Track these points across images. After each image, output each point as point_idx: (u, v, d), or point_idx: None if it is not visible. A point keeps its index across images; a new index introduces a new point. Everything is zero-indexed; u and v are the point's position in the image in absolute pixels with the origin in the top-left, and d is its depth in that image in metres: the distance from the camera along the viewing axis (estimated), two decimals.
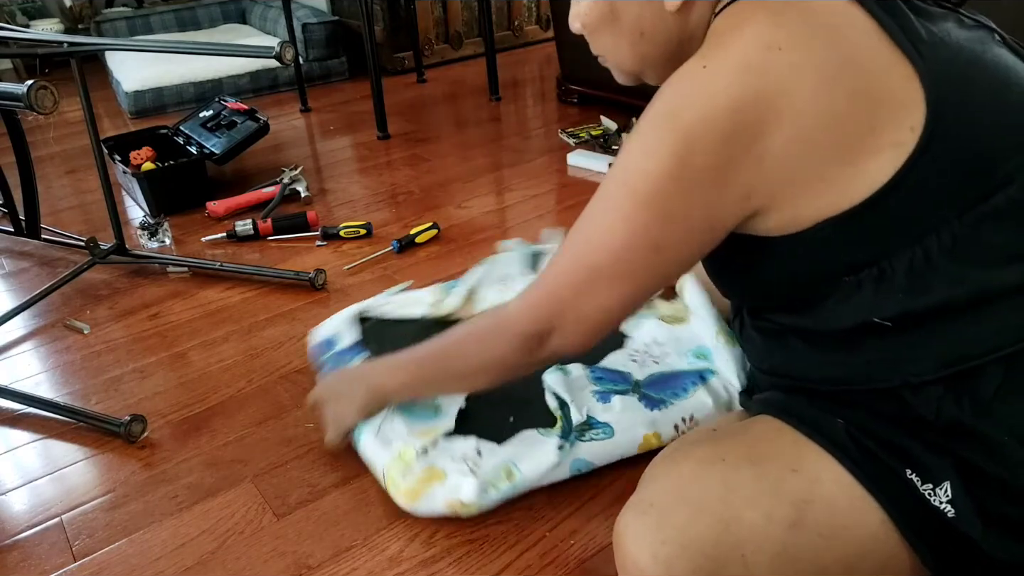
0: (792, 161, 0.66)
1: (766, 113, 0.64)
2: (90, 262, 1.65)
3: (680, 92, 0.68)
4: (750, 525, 0.68)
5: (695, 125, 0.66)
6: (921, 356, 0.69)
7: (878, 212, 0.65)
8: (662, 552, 0.68)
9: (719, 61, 0.67)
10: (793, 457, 0.72)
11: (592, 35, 0.79)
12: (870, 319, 0.69)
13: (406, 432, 1.02)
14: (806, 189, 0.67)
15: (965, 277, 0.66)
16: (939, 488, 0.67)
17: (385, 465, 1.00)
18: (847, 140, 0.65)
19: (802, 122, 0.64)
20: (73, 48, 1.42)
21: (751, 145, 0.65)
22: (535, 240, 1.63)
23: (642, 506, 0.72)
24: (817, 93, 0.64)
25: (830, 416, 0.74)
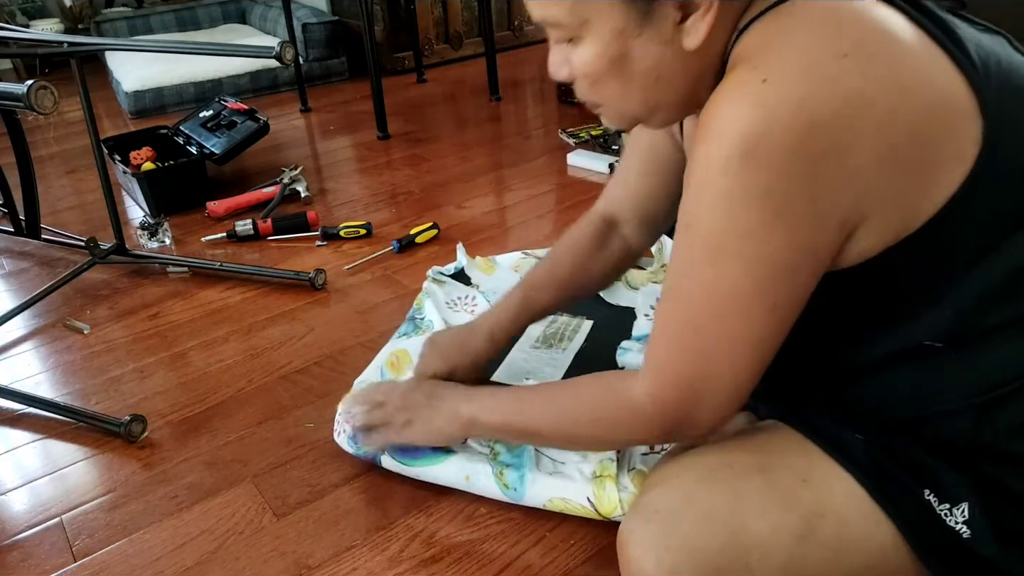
0: (880, 178, 0.60)
1: (848, 125, 0.58)
2: (90, 262, 1.65)
3: (749, 118, 0.58)
4: (757, 535, 0.68)
5: (778, 155, 0.58)
6: (964, 382, 0.67)
7: (944, 231, 0.62)
8: (667, 559, 0.67)
9: (781, 71, 0.58)
10: (804, 468, 0.71)
11: (593, 85, 0.70)
12: (921, 342, 0.67)
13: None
14: (889, 208, 0.61)
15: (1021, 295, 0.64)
16: (956, 508, 0.66)
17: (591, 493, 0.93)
18: (922, 153, 0.60)
19: (882, 135, 0.59)
20: (73, 48, 1.42)
21: (837, 163, 0.59)
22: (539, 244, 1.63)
23: (647, 511, 0.72)
24: (895, 104, 0.59)
25: (847, 430, 0.72)
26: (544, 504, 0.96)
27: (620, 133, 2.23)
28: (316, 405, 1.22)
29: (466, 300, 1.40)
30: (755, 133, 0.58)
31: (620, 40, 0.65)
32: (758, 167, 0.59)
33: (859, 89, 0.58)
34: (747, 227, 0.61)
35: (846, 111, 0.57)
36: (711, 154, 0.61)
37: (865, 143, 0.58)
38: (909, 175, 0.60)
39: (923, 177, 0.61)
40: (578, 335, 1.29)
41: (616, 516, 0.91)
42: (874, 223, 0.62)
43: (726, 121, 0.59)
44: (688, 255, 0.66)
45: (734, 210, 0.61)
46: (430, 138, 2.49)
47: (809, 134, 0.57)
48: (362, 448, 1.05)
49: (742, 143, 0.58)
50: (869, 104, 0.58)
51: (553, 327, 1.31)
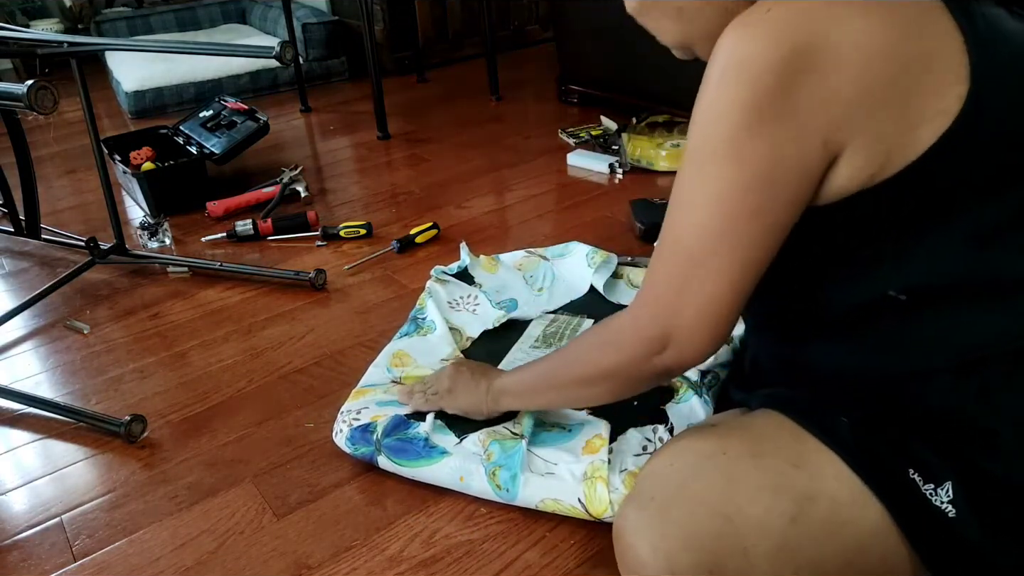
0: (855, 109, 0.64)
1: (832, 54, 0.62)
2: (90, 262, 1.65)
3: (744, 39, 0.64)
4: (752, 519, 0.69)
5: (765, 74, 0.63)
6: (933, 343, 0.69)
7: (918, 181, 0.65)
8: (663, 546, 0.68)
9: (783, 7, 0.64)
10: (795, 452, 0.72)
11: (639, 16, 0.78)
12: (885, 292, 0.69)
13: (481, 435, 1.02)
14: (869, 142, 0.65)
15: (988, 261, 0.66)
16: (940, 488, 0.67)
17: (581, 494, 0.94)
18: (904, 98, 0.64)
19: (866, 70, 0.63)
20: (73, 48, 1.42)
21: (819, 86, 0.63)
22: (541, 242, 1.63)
23: (642, 500, 0.72)
24: (883, 43, 0.63)
25: (834, 413, 0.74)
26: (536, 505, 0.96)
27: (620, 133, 2.23)
28: (316, 405, 1.22)
29: (468, 299, 1.40)
30: (746, 51, 0.64)
31: None
32: (742, 79, 0.64)
33: (851, 26, 0.62)
34: (731, 133, 0.65)
35: (832, 44, 0.62)
36: (709, 73, 0.67)
37: (847, 71, 0.62)
38: (888, 112, 0.63)
39: (903, 120, 0.64)
40: (578, 334, 1.29)
41: (607, 517, 0.91)
42: (853, 155, 0.65)
43: (725, 42, 0.66)
44: (681, 174, 0.71)
45: (720, 117, 0.66)
46: (430, 138, 2.49)
47: (794, 56, 0.62)
48: (359, 449, 1.05)
49: (733, 59, 0.65)
50: (857, 39, 0.62)
51: (553, 326, 1.31)
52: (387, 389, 1.17)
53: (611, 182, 2.03)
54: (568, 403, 1.00)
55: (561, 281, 1.44)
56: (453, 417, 1.07)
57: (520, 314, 1.36)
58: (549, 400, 0.99)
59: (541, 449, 0.99)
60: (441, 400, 1.07)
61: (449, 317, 1.34)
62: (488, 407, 1.03)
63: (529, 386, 0.99)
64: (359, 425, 1.07)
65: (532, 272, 1.47)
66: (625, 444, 0.99)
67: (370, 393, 1.16)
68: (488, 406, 1.03)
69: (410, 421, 1.07)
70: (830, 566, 0.69)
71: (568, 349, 0.94)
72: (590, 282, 1.41)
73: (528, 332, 1.31)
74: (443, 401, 1.07)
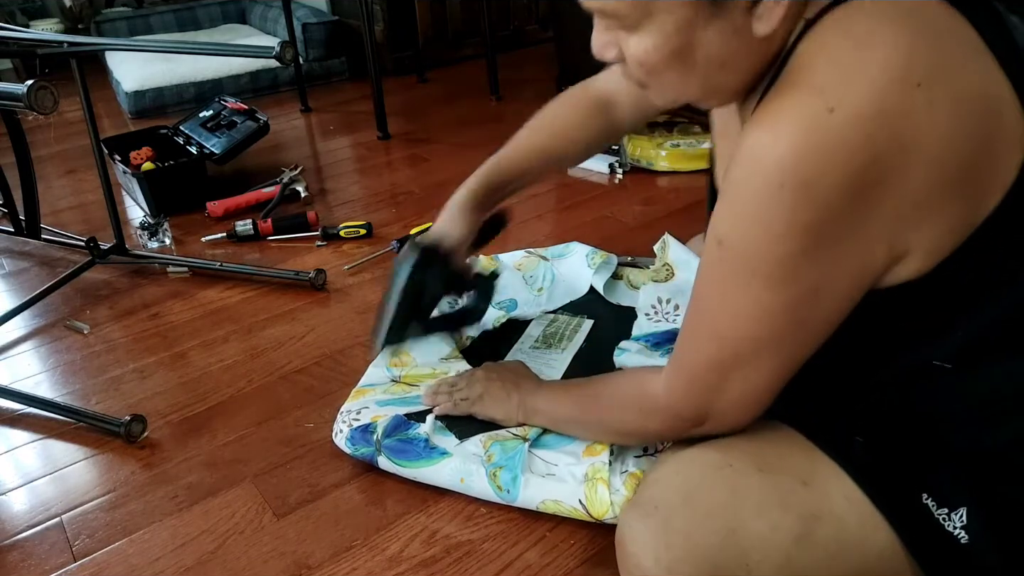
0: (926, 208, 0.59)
1: (905, 158, 0.56)
2: (90, 262, 1.65)
3: (809, 152, 0.56)
4: (756, 535, 0.68)
5: (833, 195, 0.56)
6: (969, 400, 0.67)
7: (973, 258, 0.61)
8: (665, 556, 0.68)
9: (851, 103, 0.55)
10: (805, 469, 0.71)
11: (649, 73, 0.66)
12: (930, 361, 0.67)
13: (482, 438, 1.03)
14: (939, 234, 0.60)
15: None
16: (954, 513, 0.66)
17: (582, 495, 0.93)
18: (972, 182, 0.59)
19: (940, 165, 0.57)
20: (73, 48, 1.42)
21: (891, 195, 0.57)
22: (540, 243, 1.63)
23: (647, 507, 0.72)
24: (956, 130, 0.57)
25: (848, 432, 0.72)
26: (537, 506, 0.96)
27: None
28: (316, 405, 1.22)
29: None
30: (814, 169, 0.56)
31: (686, 32, 0.62)
32: (809, 201, 0.57)
33: (924, 124, 0.56)
34: (785, 254, 0.60)
35: (908, 146, 0.56)
36: (761, 175, 0.58)
37: (920, 172, 0.57)
38: (961, 199, 0.59)
39: (970, 204, 0.59)
40: (578, 335, 1.29)
41: (608, 519, 0.91)
42: (920, 250, 0.61)
43: (785, 146, 0.57)
44: (719, 270, 0.66)
45: (774, 238, 0.59)
46: (430, 138, 2.49)
47: (867, 170, 0.56)
48: (359, 450, 1.05)
49: (797, 175, 0.56)
50: (931, 137, 0.56)
51: (553, 327, 1.31)
52: (387, 389, 1.17)
53: (611, 182, 2.03)
54: (597, 440, 0.98)
55: (561, 281, 1.44)
56: (454, 418, 1.07)
57: (519, 314, 1.35)
58: (579, 434, 0.99)
59: (542, 451, 0.99)
60: (472, 406, 1.06)
61: None
62: (519, 420, 1.03)
63: (562, 418, 0.99)
64: (359, 425, 1.07)
65: (532, 272, 1.47)
66: (627, 447, 0.99)
67: (370, 393, 1.16)
68: (519, 419, 1.03)
69: (411, 422, 1.07)
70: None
71: (604, 395, 0.91)
72: (590, 282, 1.41)
73: (528, 332, 1.30)
74: (474, 407, 1.06)
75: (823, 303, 0.63)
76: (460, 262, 1.04)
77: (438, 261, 1.00)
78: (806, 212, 0.57)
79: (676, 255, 1.36)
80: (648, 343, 1.21)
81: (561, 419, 1.00)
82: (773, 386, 0.70)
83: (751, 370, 0.68)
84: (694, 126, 2.19)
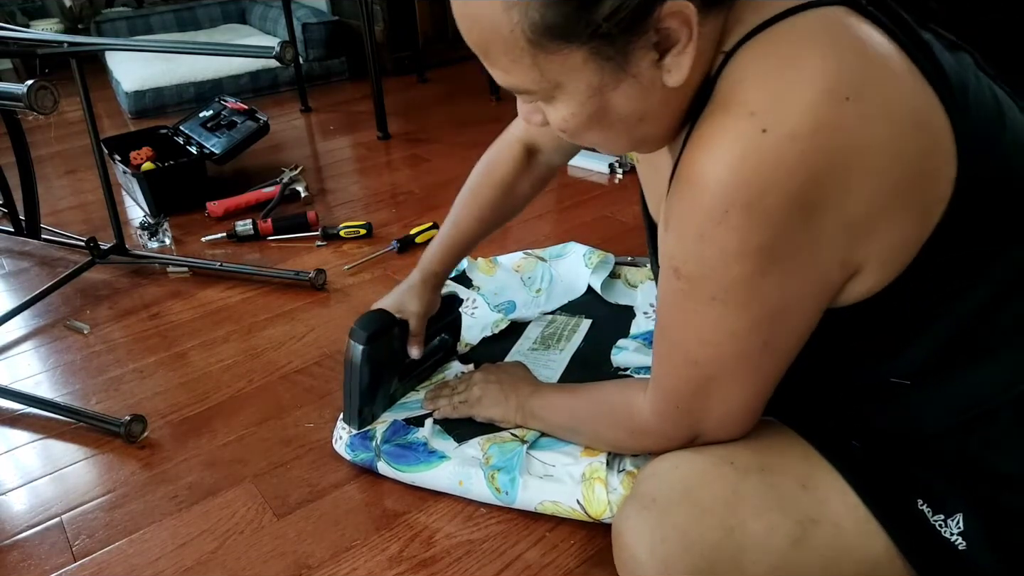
0: (874, 223, 0.59)
1: (844, 175, 0.56)
2: (90, 262, 1.65)
3: (746, 171, 0.56)
4: (753, 535, 0.68)
5: (777, 210, 0.56)
6: (937, 408, 0.67)
7: (920, 275, 0.61)
8: (661, 549, 0.68)
9: (780, 121, 0.55)
10: (803, 473, 0.71)
11: (574, 136, 0.67)
12: (888, 379, 0.67)
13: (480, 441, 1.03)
14: (891, 247, 0.60)
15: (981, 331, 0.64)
16: (951, 520, 0.66)
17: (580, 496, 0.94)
18: (916, 195, 0.59)
19: (880, 181, 0.57)
20: (73, 48, 1.42)
21: (835, 211, 0.57)
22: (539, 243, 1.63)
23: (644, 501, 0.72)
24: (889, 143, 0.57)
25: (845, 437, 0.73)
26: (535, 507, 0.96)
27: None
28: (316, 405, 1.22)
29: (466, 303, 1.39)
30: (755, 191, 0.56)
31: (597, 96, 0.62)
32: (756, 222, 0.57)
33: (859, 137, 0.56)
34: (742, 276, 0.60)
35: (847, 160, 0.56)
36: (705, 203, 0.58)
37: (865, 188, 0.57)
38: (906, 212, 0.59)
39: (917, 216, 0.59)
40: (576, 335, 1.29)
41: (606, 518, 0.91)
42: (876, 264, 0.61)
43: (723, 171, 0.57)
44: (680, 299, 0.66)
45: (729, 261, 0.60)
46: (430, 138, 2.49)
47: (809, 187, 0.56)
48: (359, 456, 1.05)
49: (740, 198, 0.56)
50: (869, 151, 0.56)
51: (551, 327, 1.31)
52: None
53: (611, 182, 2.03)
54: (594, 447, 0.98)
55: (559, 282, 1.44)
56: (453, 421, 1.07)
57: (518, 316, 1.36)
58: (576, 441, 0.99)
59: (540, 452, 0.99)
60: (471, 408, 1.06)
61: None
62: (516, 423, 1.04)
63: (558, 425, 0.99)
64: (359, 432, 1.08)
65: (530, 273, 1.47)
66: None
67: None
68: (516, 422, 1.03)
69: (409, 426, 1.07)
70: None
71: (598, 407, 0.91)
72: (588, 282, 1.41)
73: (526, 334, 1.30)
74: (472, 409, 1.06)
75: (788, 320, 0.64)
76: (417, 334, 1.08)
77: (386, 340, 1.04)
78: (755, 233, 0.58)
79: None
80: (646, 341, 1.21)
81: (557, 426, 1.00)
82: (756, 400, 0.70)
83: (729, 389, 0.69)
84: None
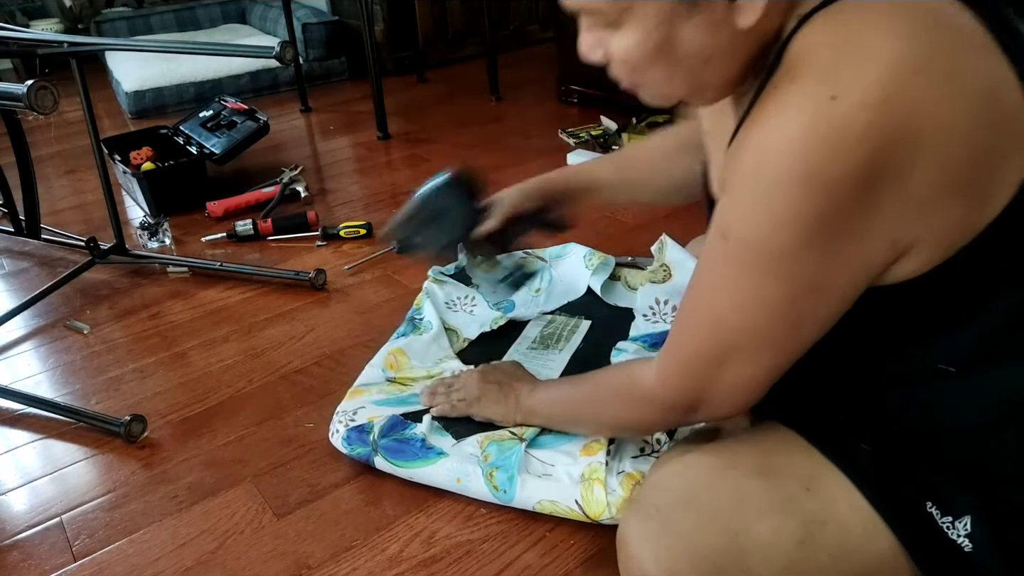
0: (931, 204, 0.58)
1: (911, 150, 0.55)
2: (90, 262, 1.65)
3: (814, 139, 0.55)
4: (758, 538, 0.68)
5: (839, 184, 0.55)
6: (972, 401, 0.66)
7: (978, 259, 0.60)
8: (666, 557, 0.67)
9: (853, 91, 0.54)
10: (808, 475, 0.71)
11: (634, 70, 0.66)
12: (935, 365, 0.66)
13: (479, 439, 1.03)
14: (944, 229, 0.59)
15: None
16: (958, 521, 0.66)
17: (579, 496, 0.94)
18: (979, 178, 0.58)
19: (946, 158, 0.56)
20: (73, 48, 1.42)
21: (896, 187, 0.56)
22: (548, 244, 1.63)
23: (648, 509, 0.72)
24: (963, 122, 0.56)
25: (852, 439, 0.72)
26: (533, 506, 0.96)
27: (620, 133, 2.23)
28: (316, 405, 1.22)
29: (465, 300, 1.40)
30: (819, 157, 0.55)
31: (666, 26, 0.61)
32: (814, 192, 0.56)
33: (929, 111, 0.55)
34: (790, 246, 0.59)
35: (914, 133, 0.55)
36: (766, 166, 0.58)
37: (927, 166, 0.56)
38: (965, 197, 0.58)
39: (978, 199, 0.59)
40: (575, 336, 1.29)
41: (604, 519, 0.91)
42: (926, 245, 0.60)
43: (789, 137, 0.56)
44: (722, 260, 0.65)
45: (780, 228, 0.59)
46: (430, 138, 2.49)
47: (875, 158, 0.55)
48: (356, 450, 1.05)
49: (803, 165, 0.56)
50: (936, 127, 0.55)
51: (551, 328, 1.31)
52: (382, 388, 1.17)
53: None
54: (595, 435, 0.99)
55: (559, 282, 1.44)
56: (451, 419, 1.07)
57: (517, 315, 1.36)
58: (576, 431, 1.00)
59: (539, 451, 0.99)
60: (469, 407, 1.06)
61: (446, 318, 1.34)
62: (516, 421, 1.03)
63: (558, 417, 1.00)
64: (355, 426, 1.07)
65: None
66: (623, 446, 0.99)
67: (366, 393, 1.16)
68: (516, 420, 1.03)
69: (407, 422, 1.07)
70: None
71: (597, 389, 0.91)
72: (587, 283, 1.41)
73: (525, 333, 1.30)
74: (471, 408, 1.06)
75: (823, 299, 0.63)
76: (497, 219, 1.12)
77: (468, 192, 1.13)
78: (813, 202, 0.57)
79: (674, 256, 1.36)
80: (646, 344, 1.21)
81: (557, 418, 1.00)
82: (766, 379, 0.69)
83: (746, 362, 0.68)
84: None
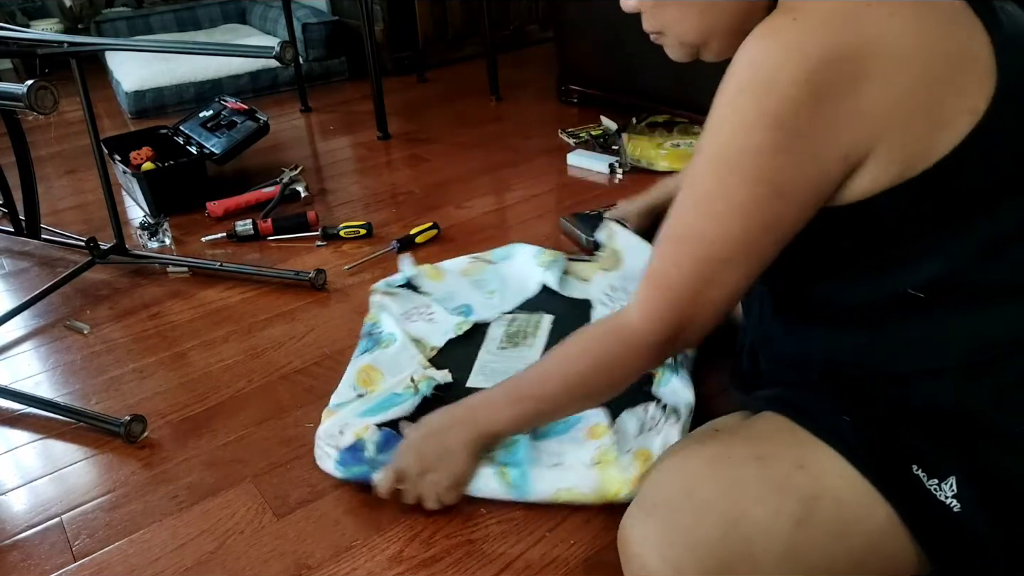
0: (884, 120, 0.63)
1: (861, 65, 0.61)
2: (90, 262, 1.65)
3: (770, 51, 0.63)
4: (757, 523, 0.68)
5: (792, 88, 0.62)
6: (946, 341, 0.69)
7: (941, 182, 0.64)
8: (670, 554, 0.68)
9: (810, 13, 0.62)
10: (798, 454, 0.72)
11: (654, 9, 0.75)
12: (904, 290, 0.69)
13: None
14: (895, 149, 0.64)
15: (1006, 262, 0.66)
16: (944, 483, 0.67)
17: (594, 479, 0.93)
18: (933, 100, 0.62)
19: (898, 77, 0.61)
20: (73, 48, 1.42)
21: (848, 100, 0.62)
22: (541, 239, 1.63)
23: (647, 507, 0.72)
24: (916, 44, 0.61)
25: (835, 413, 0.74)
26: (551, 497, 0.96)
27: (620, 133, 2.23)
28: (316, 405, 1.21)
29: (422, 309, 1.38)
30: (772, 63, 0.63)
31: None
32: (769, 94, 0.63)
33: (881, 33, 0.61)
34: (751, 146, 0.65)
35: (868, 48, 0.61)
36: (730, 81, 0.66)
37: (878, 83, 0.61)
38: (917, 119, 0.63)
39: (931, 123, 0.63)
40: (540, 330, 1.30)
41: (623, 497, 0.92)
42: (878, 162, 0.64)
43: (749, 52, 0.65)
44: (699, 177, 0.71)
45: (741, 130, 0.66)
46: (430, 138, 2.49)
47: (823, 68, 0.61)
48: (352, 470, 1.01)
49: (758, 71, 0.64)
50: (888, 47, 0.61)
51: (514, 326, 1.32)
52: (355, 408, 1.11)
53: (611, 182, 2.03)
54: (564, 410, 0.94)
55: (511, 280, 1.45)
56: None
57: (477, 317, 1.35)
58: (545, 423, 0.97)
59: (544, 442, 1.00)
60: (416, 488, 0.95)
61: (407, 328, 1.30)
62: (481, 455, 0.96)
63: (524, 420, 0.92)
64: (347, 446, 1.03)
65: (479, 276, 1.47)
66: (624, 427, 1.00)
67: (340, 413, 1.10)
68: (481, 454, 0.95)
69: (401, 436, 1.04)
70: (840, 567, 0.69)
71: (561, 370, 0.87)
72: (539, 280, 1.43)
73: (490, 335, 1.30)
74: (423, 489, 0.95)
75: (786, 205, 0.68)
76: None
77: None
78: (768, 104, 0.63)
79: (624, 241, 1.38)
80: None
81: (528, 416, 0.91)
82: (740, 291, 0.74)
83: (727, 275, 0.72)
84: (694, 126, 2.19)
